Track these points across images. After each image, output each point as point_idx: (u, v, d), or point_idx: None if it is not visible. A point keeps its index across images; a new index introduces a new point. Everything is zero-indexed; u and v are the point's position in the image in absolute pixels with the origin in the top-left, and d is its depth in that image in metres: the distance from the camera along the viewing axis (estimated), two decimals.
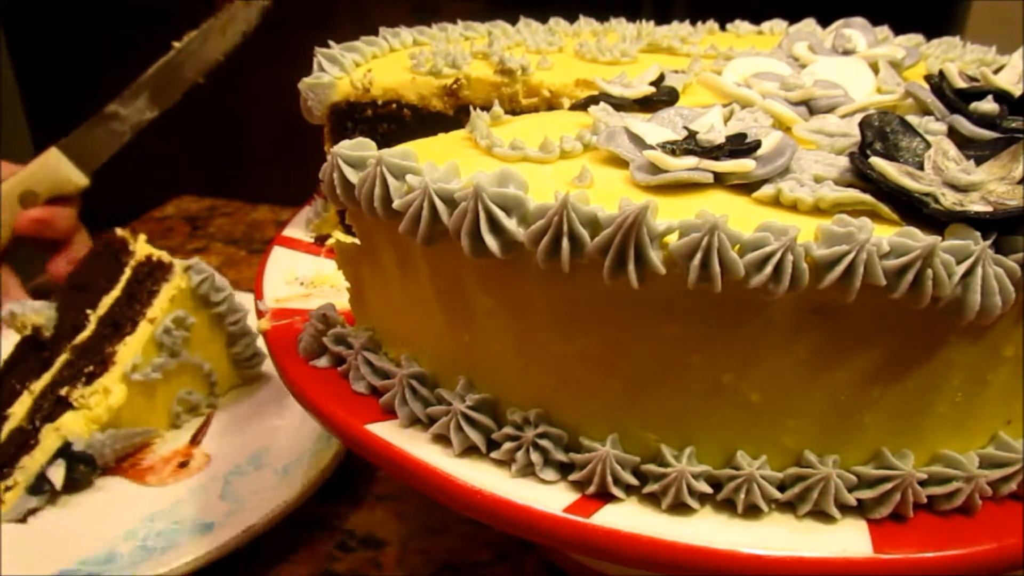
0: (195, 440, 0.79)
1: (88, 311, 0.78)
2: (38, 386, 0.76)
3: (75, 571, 0.63)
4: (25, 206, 0.96)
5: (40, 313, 0.80)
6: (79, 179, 0.98)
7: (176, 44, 0.97)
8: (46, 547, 0.66)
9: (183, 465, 0.75)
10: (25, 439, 0.73)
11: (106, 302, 0.78)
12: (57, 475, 0.71)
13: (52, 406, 0.74)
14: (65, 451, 0.71)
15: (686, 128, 0.47)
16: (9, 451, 0.73)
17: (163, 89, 0.98)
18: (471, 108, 0.53)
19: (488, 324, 0.43)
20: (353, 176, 0.44)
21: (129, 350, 0.75)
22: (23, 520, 0.70)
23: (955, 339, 0.39)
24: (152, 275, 0.79)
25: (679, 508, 0.41)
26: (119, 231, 0.83)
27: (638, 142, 0.46)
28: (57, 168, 0.97)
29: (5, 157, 0.98)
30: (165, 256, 0.80)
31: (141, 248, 0.80)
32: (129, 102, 0.98)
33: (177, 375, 0.79)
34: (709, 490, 0.41)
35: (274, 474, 0.71)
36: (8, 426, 0.74)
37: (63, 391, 0.74)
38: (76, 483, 0.72)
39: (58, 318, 0.80)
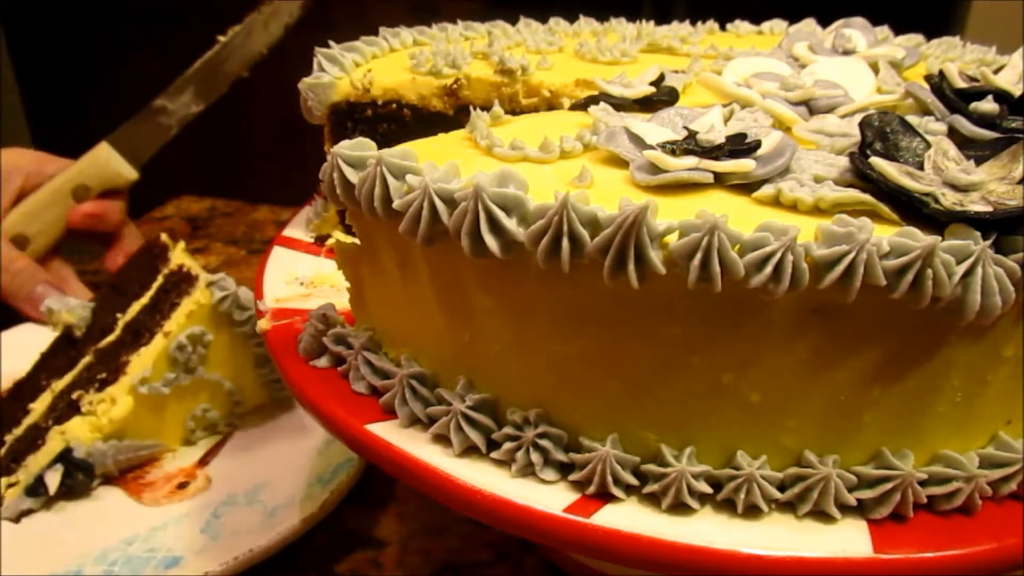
0: (203, 461, 0.76)
1: (118, 315, 0.78)
2: (59, 385, 0.76)
3: None
4: (78, 200, 0.97)
5: (73, 312, 0.80)
6: (129, 173, 0.99)
7: (221, 38, 0.99)
8: (21, 555, 0.66)
9: (182, 486, 0.73)
10: (36, 437, 0.73)
11: (134, 308, 0.77)
12: (53, 480, 0.70)
13: (64, 408, 0.74)
14: (65, 456, 0.70)
15: (686, 128, 0.47)
16: (20, 447, 0.73)
17: (208, 83, 1.00)
18: (471, 108, 0.53)
19: (488, 324, 0.43)
20: (353, 176, 0.44)
21: (141, 362, 0.74)
22: (16, 521, 0.69)
23: (955, 339, 0.39)
24: (178, 286, 0.77)
25: (679, 508, 0.41)
26: (163, 236, 0.81)
27: (638, 142, 0.46)
28: (108, 162, 0.98)
29: None
30: (195, 268, 0.77)
31: (176, 256, 0.79)
32: (175, 97, 1.00)
33: (193, 391, 0.76)
34: (709, 490, 0.41)
35: (262, 514, 0.68)
36: (27, 421, 0.75)
37: (75, 395, 0.74)
38: (72, 490, 0.71)
39: (92, 318, 0.80)
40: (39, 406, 0.75)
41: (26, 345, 0.83)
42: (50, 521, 0.70)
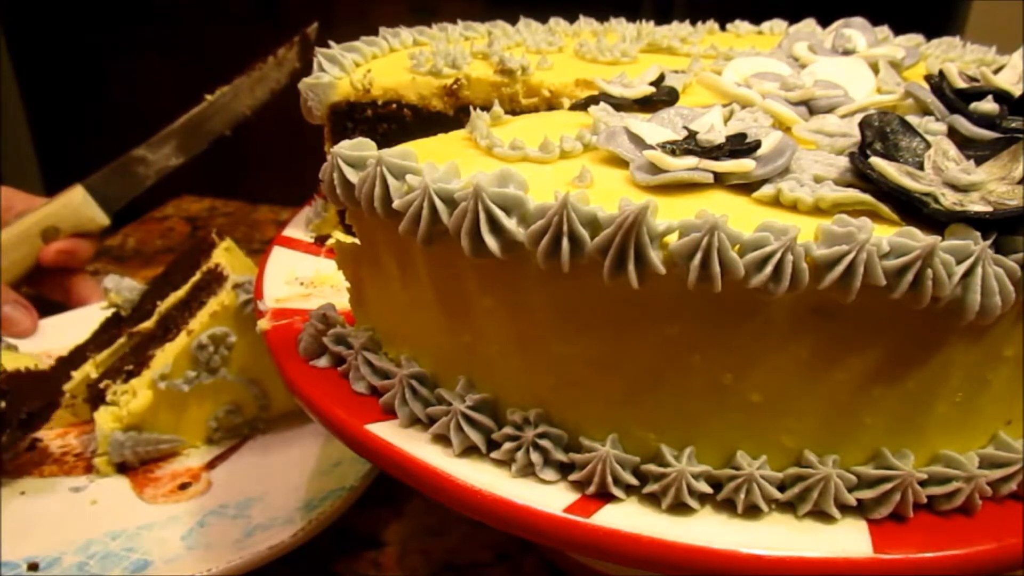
0: (212, 464, 0.75)
1: (158, 303, 0.79)
2: (99, 358, 0.79)
3: (16, 564, 0.63)
4: (46, 241, 0.99)
5: (120, 293, 0.82)
6: (101, 219, 1.01)
7: (208, 97, 1.01)
8: (13, 531, 0.66)
9: (183, 487, 0.72)
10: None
11: (169, 301, 0.78)
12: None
13: (95, 392, 0.76)
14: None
15: (686, 128, 0.47)
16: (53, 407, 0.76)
17: (190, 139, 1.02)
18: (471, 108, 0.53)
19: (488, 324, 0.43)
20: (353, 176, 0.44)
21: (164, 357, 0.74)
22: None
23: (955, 339, 0.39)
24: (209, 285, 0.77)
25: (679, 508, 0.41)
26: (213, 232, 0.81)
27: (638, 142, 0.46)
28: (81, 207, 1.00)
29: (6, 159, 0.99)
30: (228, 268, 0.77)
31: (216, 255, 0.79)
32: (157, 148, 1.02)
33: (216, 392, 0.76)
34: (709, 490, 0.41)
35: (242, 531, 0.66)
36: (66, 387, 0.78)
37: (104, 384, 0.75)
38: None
39: (139, 303, 0.82)
40: (78, 375, 0.79)
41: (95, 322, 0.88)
42: (50, 501, 0.70)
